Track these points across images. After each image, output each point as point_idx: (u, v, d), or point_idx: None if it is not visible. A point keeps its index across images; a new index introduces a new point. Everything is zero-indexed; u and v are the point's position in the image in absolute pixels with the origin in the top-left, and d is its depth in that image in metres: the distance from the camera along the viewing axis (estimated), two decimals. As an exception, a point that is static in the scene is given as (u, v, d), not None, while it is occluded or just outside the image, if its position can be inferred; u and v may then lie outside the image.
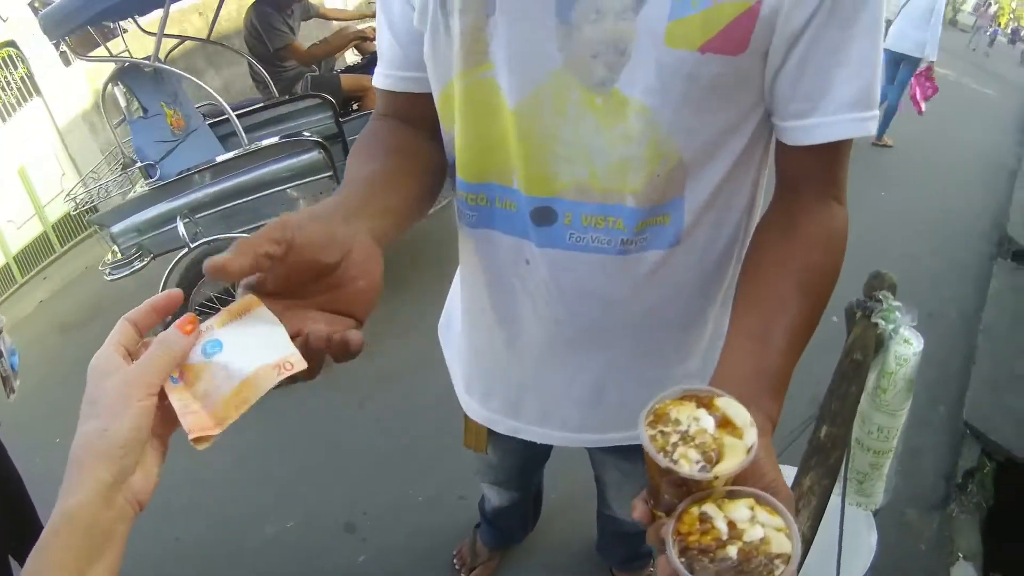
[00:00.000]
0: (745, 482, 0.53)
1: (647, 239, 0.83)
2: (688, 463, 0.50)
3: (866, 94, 0.71)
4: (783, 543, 0.48)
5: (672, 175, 0.78)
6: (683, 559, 0.48)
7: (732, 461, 0.50)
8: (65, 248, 7.39)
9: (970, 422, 2.54)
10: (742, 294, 0.78)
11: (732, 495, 0.52)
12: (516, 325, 0.97)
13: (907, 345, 1.01)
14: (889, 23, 5.34)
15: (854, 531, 1.60)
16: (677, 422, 0.53)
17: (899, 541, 2.25)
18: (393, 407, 3.04)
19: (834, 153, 0.76)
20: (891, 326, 1.00)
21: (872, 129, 0.73)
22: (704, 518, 0.50)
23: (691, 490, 0.52)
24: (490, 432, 1.21)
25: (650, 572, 1.82)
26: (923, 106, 5.47)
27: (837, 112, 0.72)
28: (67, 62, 6.16)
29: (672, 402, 0.55)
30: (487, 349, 1.07)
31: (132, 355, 0.53)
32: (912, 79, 5.44)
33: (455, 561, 2.24)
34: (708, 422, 0.53)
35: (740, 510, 0.51)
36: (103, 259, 3.77)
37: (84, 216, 4.46)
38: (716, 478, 0.50)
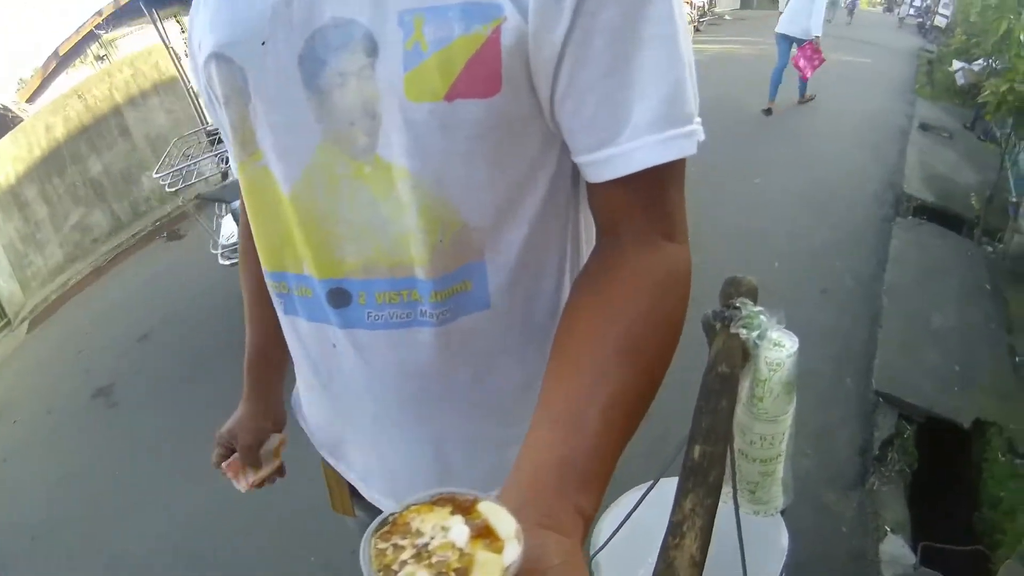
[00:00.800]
0: None
1: (451, 308, 0.76)
2: None
3: (669, 109, 0.62)
4: None
5: (459, 241, 0.71)
6: None
7: None
8: None
9: (881, 390, 2.55)
10: (551, 366, 0.66)
11: None
12: (344, 405, 0.93)
13: (779, 348, 0.93)
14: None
15: (762, 535, 1.54)
16: (419, 533, 0.43)
17: (819, 528, 2.24)
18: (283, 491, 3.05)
19: (652, 183, 0.65)
20: (755, 333, 0.92)
21: (689, 149, 0.63)
22: None
23: None
24: (354, 493, 1.10)
25: None
26: (808, 73, 6.34)
27: (635, 137, 0.62)
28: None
29: (418, 508, 0.45)
30: (327, 424, 1.02)
31: None
32: (797, 50, 6.43)
33: None
34: (459, 533, 0.43)
35: None
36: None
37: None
38: None
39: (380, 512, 1.05)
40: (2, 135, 7.37)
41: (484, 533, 0.43)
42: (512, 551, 0.42)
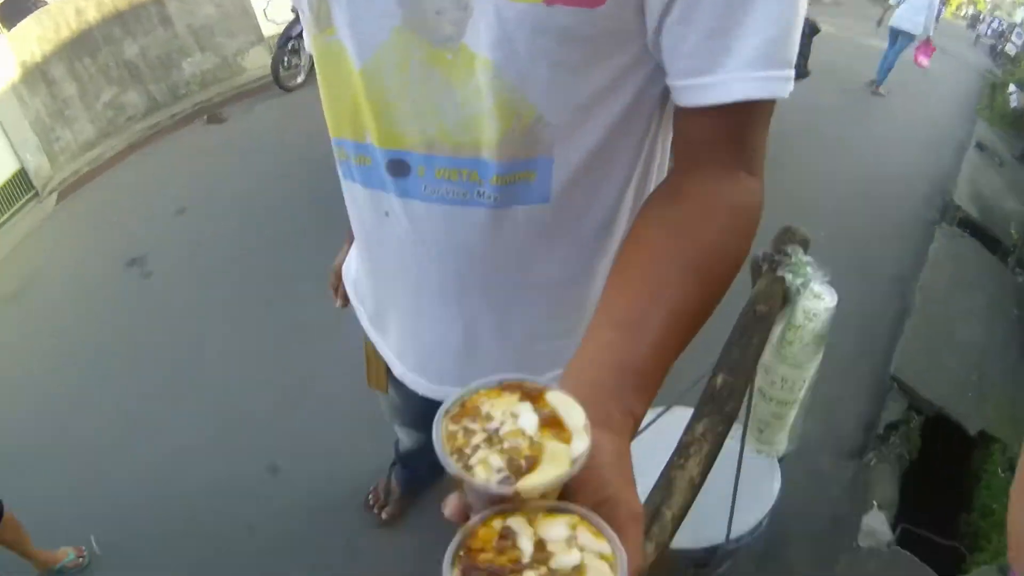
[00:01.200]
0: (579, 492, 0.44)
1: (510, 195, 0.79)
2: (486, 471, 0.40)
3: (774, 50, 0.63)
4: (602, 574, 0.38)
5: (531, 133, 0.73)
6: None
7: (547, 473, 0.40)
8: (2, 220, 7.32)
9: (897, 376, 2.57)
10: (615, 274, 0.67)
11: (552, 510, 0.42)
12: (389, 275, 0.97)
13: (818, 300, 0.98)
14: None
15: (757, 478, 1.62)
16: (489, 418, 0.43)
17: (809, 487, 2.32)
18: (311, 353, 3.14)
19: (741, 117, 0.66)
20: (799, 280, 0.97)
21: (783, 91, 0.64)
22: (505, 534, 0.40)
23: (496, 501, 0.42)
24: (389, 372, 1.15)
25: None
26: (926, 63, 7.10)
27: (737, 70, 0.63)
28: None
29: (487, 392, 0.45)
30: (371, 294, 1.08)
31: None
32: (915, 48, 7.15)
33: (370, 498, 2.34)
34: (529, 421, 0.43)
35: (557, 528, 0.41)
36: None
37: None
38: (518, 493, 0.40)
39: (411, 391, 1.15)
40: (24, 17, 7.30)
41: (552, 423, 0.43)
42: (580, 443, 0.42)
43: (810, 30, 4.40)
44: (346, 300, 1.27)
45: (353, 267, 1.16)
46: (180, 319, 3.70)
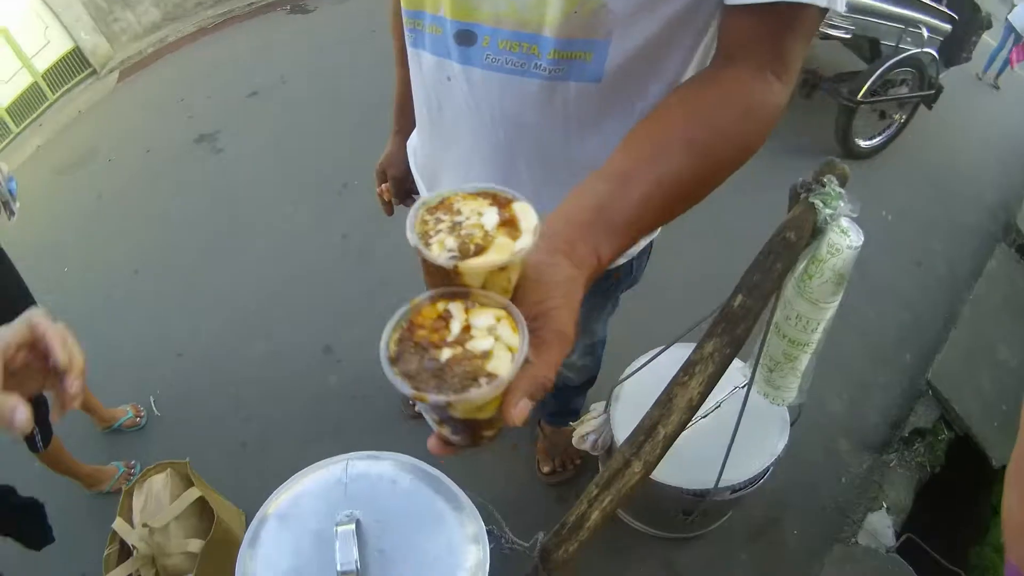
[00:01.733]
0: (523, 300, 0.50)
1: (565, 70, 0.86)
2: (440, 248, 0.47)
3: None
4: (502, 364, 0.44)
5: (593, 16, 0.79)
6: (397, 348, 0.46)
7: (487, 258, 0.47)
8: (57, 95, 7.30)
9: (934, 383, 2.50)
10: (625, 139, 0.71)
11: (487, 302, 0.48)
12: (445, 140, 1.06)
13: (843, 235, 0.97)
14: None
15: (764, 432, 1.63)
16: (458, 212, 0.50)
17: (820, 465, 2.29)
18: (374, 241, 3.22)
19: (780, 21, 0.70)
20: (829, 211, 0.96)
21: (823, 2, 0.67)
22: (444, 316, 0.48)
23: (448, 283, 0.48)
24: None
25: (570, 427, 1.89)
26: (1016, 65, 7.05)
27: None
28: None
29: (466, 196, 0.52)
30: (428, 163, 1.16)
31: None
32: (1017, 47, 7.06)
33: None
34: (490, 219, 0.49)
35: (485, 318, 0.47)
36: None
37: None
38: (457, 269, 0.46)
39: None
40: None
41: (509, 224, 0.49)
42: (524, 240, 0.48)
43: (982, 23, 4.29)
44: (390, 204, 1.46)
45: (414, 137, 1.23)
46: (250, 194, 3.79)
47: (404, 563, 1.27)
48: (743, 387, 1.70)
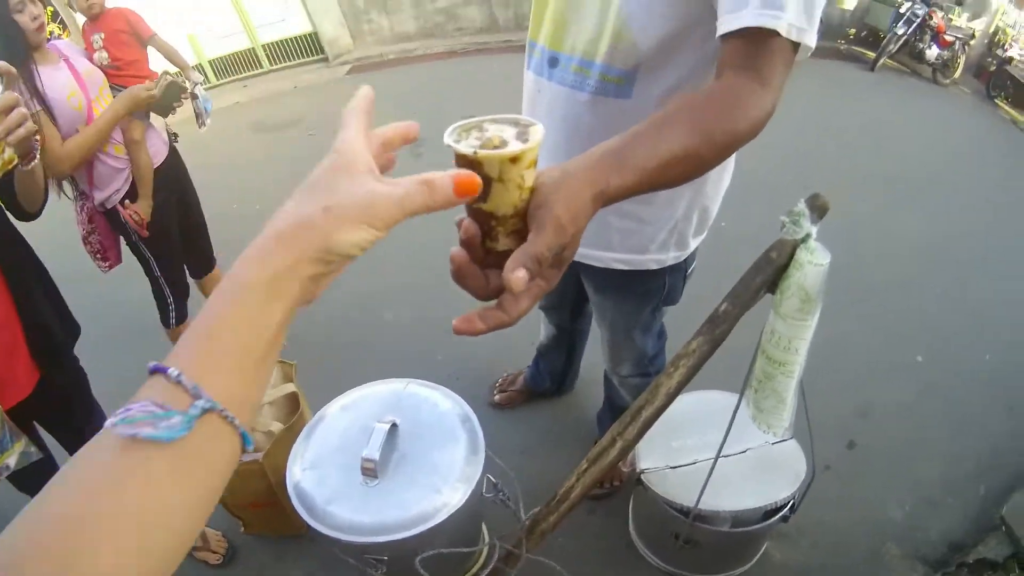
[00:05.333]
0: (535, 195, 0.62)
1: (606, 88, 1.28)
2: (466, 144, 0.58)
3: None
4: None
5: (626, 52, 1.21)
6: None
7: (499, 151, 0.57)
8: (273, 67, 8.14)
9: (1008, 520, 2.36)
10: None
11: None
12: None
13: (810, 253, 1.12)
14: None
15: (772, 479, 1.75)
16: (486, 129, 0.61)
17: (861, 561, 2.25)
18: None
19: (755, 44, 0.91)
20: (798, 229, 1.12)
21: (775, 25, 0.89)
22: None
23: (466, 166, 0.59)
24: None
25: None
26: None
27: (744, 8, 0.91)
28: None
29: (494, 121, 0.63)
30: None
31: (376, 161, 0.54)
32: None
33: (499, 380, 2.90)
34: (510, 132, 0.60)
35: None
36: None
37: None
38: (476, 156, 0.56)
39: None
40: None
41: (523, 135, 0.60)
42: (533, 140, 0.59)
43: None
44: None
45: None
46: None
47: (412, 464, 1.56)
48: (772, 442, 1.81)
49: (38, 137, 1.70)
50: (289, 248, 0.46)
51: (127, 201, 2.38)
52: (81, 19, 2.86)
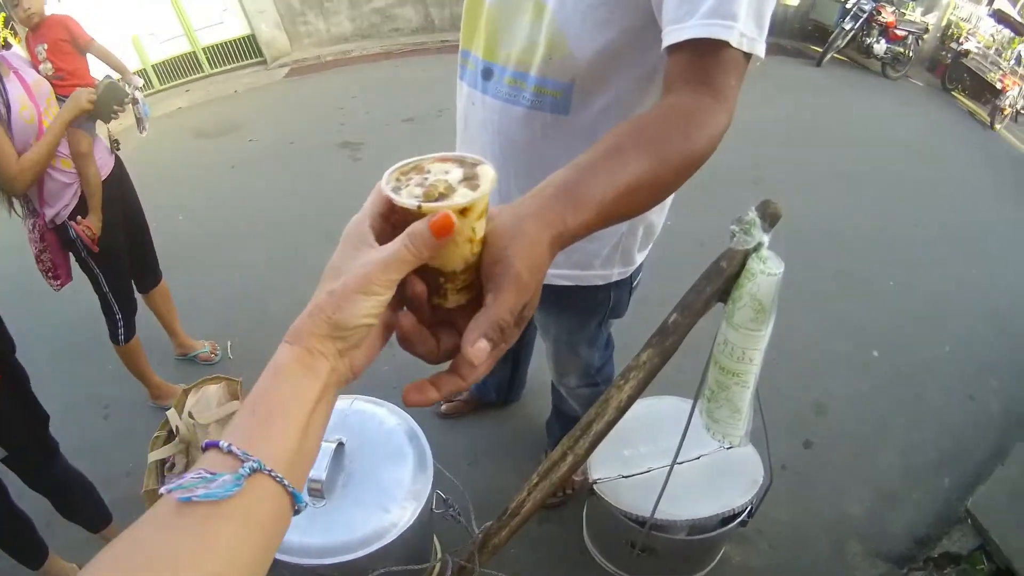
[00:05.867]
0: (488, 248, 0.55)
1: (541, 102, 1.21)
2: (408, 196, 0.52)
3: (721, 6, 0.83)
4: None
5: (563, 63, 1.14)
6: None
7: (448, 201, 0.51)
8: (214, 71, 8.00)
9: (974, 512, 2.37)
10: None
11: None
12: (469, 145, 1.41)
13: (761, 262, 1.08)
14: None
15: (728, 487, 1.73)
16: (428, 172, 0.55)
17: (823, 561, 2.24)
18: None
19: (704, 56, 0.85)
20: (749, 239, 1.08)
21: (726, 36, 0.83)
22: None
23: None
24: None
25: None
26: None
27: (691, 18, 0.85)
28: None
29: (436, 160, 0.57)
30: None
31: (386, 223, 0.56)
32: None
33: None
34: (455, 175, 0.54)
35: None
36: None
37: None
38: (420, 209, 0.51)
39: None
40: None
41: (470, 178, 0.54)
42: (483, 188, 0.52)
43: None
44: None
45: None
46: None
47: (360, 483, 1.51)
48: (726, 448, 1.78)
49: None
50: (308, 331, 0.51)
51: (79, 217, 2.32)
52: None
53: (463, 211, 0.51)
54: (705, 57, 0.84)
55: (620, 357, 1.88)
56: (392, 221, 0.55)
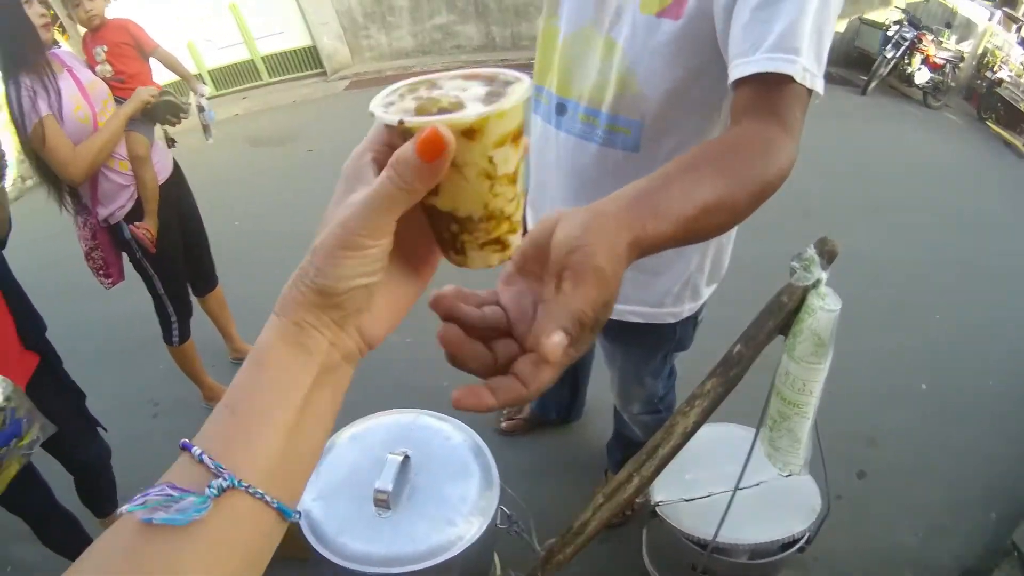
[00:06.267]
0: (562, 236, 0.49)
1: (612, 140, 1.26)
2: (397, 112, 0.41)
3: (781, 41, 0.89)
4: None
5: (633, 100, 1.20)
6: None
7: (445, 116, 0.39)
8: (272, 80, 8.16)
9: (1020, 546, 2.35)
10: None
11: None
12: (545, 176, 1.47)
13: (820, 298, 1.14)
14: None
15: (789, 513, 1.77)
16: (439, 87, 0.44)
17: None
18: None
19: (771, 89, 0.89)
20: (811, 280, 1.13)
21: (790, 70, 0.87)
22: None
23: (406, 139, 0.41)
24: None
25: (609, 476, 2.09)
26: None
27: (756, 52, 0.90)
28: None
29: (459, 76, 0.45)
30: (537, 187, 1.55)
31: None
32: None
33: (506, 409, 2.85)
34: (473, 91, 0.42)
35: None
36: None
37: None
38: (402, 123, 0.39)
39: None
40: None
41: (495, 96, 0.41)
42: (502, 103, 0.40)
43: None
44: None
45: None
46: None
47: (425, 496, 1.57)
48: (785, 476, 1.82)
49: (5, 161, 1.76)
50: (294, 300, 0.42)
51: (136, 222, 2.38)
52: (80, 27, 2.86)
53: (470, 132, 0.39)
54: (771, 90, 0.89)
55: (678, 385, 1.97)
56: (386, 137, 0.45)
